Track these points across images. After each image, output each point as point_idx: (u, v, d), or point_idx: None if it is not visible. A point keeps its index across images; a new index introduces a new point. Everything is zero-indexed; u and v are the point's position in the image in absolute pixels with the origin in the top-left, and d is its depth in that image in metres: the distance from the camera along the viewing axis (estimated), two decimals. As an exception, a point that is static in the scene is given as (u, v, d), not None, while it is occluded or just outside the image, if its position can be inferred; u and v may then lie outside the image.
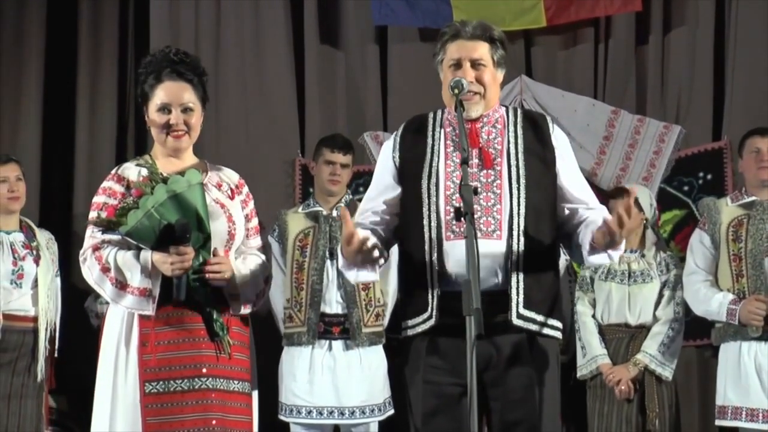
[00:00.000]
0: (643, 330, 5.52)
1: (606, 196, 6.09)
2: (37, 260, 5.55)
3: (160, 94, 3.75)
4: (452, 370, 3.38)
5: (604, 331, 5.57)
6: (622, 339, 5.54)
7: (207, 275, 3.63)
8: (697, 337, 6.18)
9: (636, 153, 6.58)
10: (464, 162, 3.28)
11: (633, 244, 5.64)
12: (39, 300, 5.50)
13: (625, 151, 6.60)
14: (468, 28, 3.58)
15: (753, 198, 5.26)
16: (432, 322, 3.42)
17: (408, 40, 6.90)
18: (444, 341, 3.42)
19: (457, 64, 3.55)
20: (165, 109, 3.74)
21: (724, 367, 5.21)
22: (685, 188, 6.56)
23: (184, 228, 3.55)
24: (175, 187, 3.59)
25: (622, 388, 5.42)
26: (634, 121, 6.63)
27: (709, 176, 6.54)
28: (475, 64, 3.55)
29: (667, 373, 5.44)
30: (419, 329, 3.46)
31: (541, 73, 6.85)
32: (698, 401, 6.41)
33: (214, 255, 3.67)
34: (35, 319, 5.50)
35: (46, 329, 5.52)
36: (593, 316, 5.59)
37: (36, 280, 5.52)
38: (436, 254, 3.43)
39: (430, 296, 3.43)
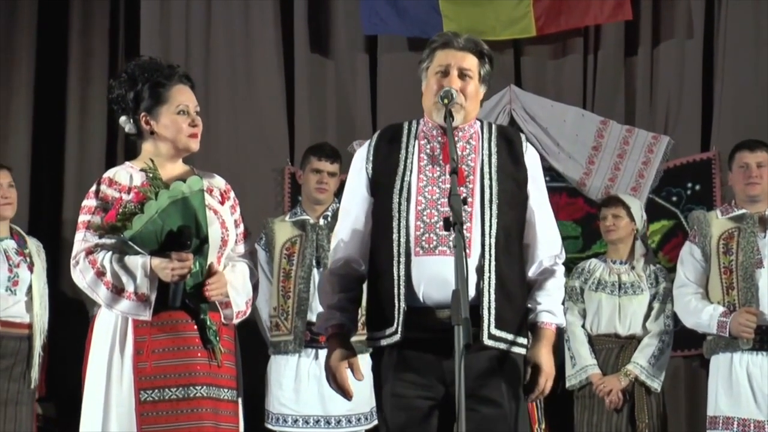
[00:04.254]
0: (633, 341, 5.53)
1: (595, 206, 6.11)
2: (31, 267, 5.56)
3: (177, 97, 3.75)
4: (421, 383, 3.39)
5: (593, 341, 5.58)
6: (612, 349, 5.55)
7: (206, 294, 3.64)
8: (685, 348, 6.19)
9: (625, 163, 6.59)
10: (453, 172, 3.27)
11: (622, 255, 5.66)
12: (33, 307, 5.51)
13: (614, 161, 6.60)
14: (460, 39, 3.58)
15: (743, 211, 5.27)
16: (397, 337, 3.40)
17: (397, 48, 6.90)
18: (411, 355, 3.41)
19: (445, 72, 3.54)
20: (184, 112, 3.75)
21: (715, 378, 5.22)
22: (674, 199, 6.57)
23: (188, 234, 3.55)
24: (177, 193, 3.59)
25: (613, 398, 5.43)
26: (623, 131, 6.64)
27: (697, 187, 6.55)
28: (463, 74, 3.54)
29: (656, 385, 5.47)
30: (384, 342, 3.45)
31: (531, 82, 6.85)
32: (685, 411, 6.42)
33: (209, 268, 3.67)
34: (30, 326, 5.52)
35: (40, 336, 5.52)
36: (583, 326, 5.59)
37: (30, 287, 5.52)
38: (404, 269, 3.40)
39: (396, 310, 3.41)
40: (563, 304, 3.62)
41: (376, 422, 5.51)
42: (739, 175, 5.32)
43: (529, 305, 3.52)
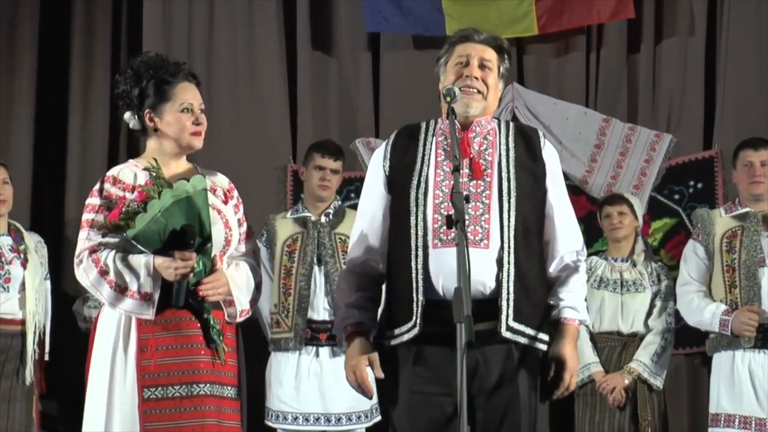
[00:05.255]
0: (636, 338, 5.53)
1: (597, 204, 6.11)
2: (24, 264, 5.55)
3: (182, 95, 3.74)
4: (439, 379, 3.37)
5: (595, 339, 5.57)
6: (615, 347, 5.55)
7: (201, 294, 3.64)
8: (687, 346, 6.19)
9: (627, 161, 6.59)
10: (456, 170, 3.27)
11: (624, 252, 5.66)
12: (27, 303, 5.51)
13: (616, 159, 6.61)
14: (480, 34, 3.62)
15: (747, 209, 5.27)
16: (416, 330, 3.39)
17: (400, 47, 6.90)
18: (429, 350, 3.40)
19: (465, 62, 3.56)
20: (188, 110, 3.74)
21: (717, 375, 5.23)
22: (676, 197, 6.57)
23: (191, 233, 3.55)
24: (181, 193, 3.59)
25: (616, 396, 5.42)
26: (625, 129, 6.64)
27: (699, 185, 6.55)
28: (483, 65, 3.57)
29: (658, 382, 5.47)
30: (404, 338, 3.43)
31: (533, 81, 6.86)
32: (687, 409, 6.42)
33: (212, 264, 3.67)
34: (23, 323, 5.51)
35: (35, 333, 5.52)
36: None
37: (23, 284, 5.52)
38: (422, 262, 3.40)
39: (415, 304, 3.40)
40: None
41: (376, 419, 5.52)
42: (743, 174, 5.33)
43: (551, 302, 3.51)
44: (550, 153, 3.59)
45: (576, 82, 6.83)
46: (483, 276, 3.37)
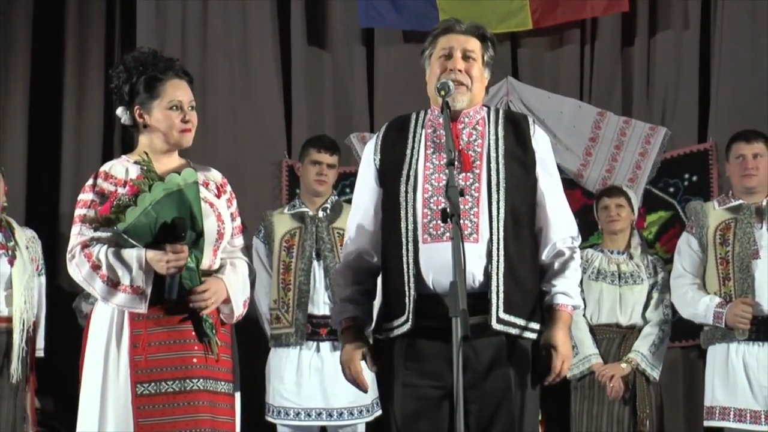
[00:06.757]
0: (634, 330, 5.54)
1: (593, 197, 6.12)
2: (11, 260, 5.52)
3: (171, 92, 3.74)
4: (430, 373, 3.39)
5: (594, 330, 5.57)
6: (614, 339, 5.55)
7: (191, 305, 3.64)
8: (683, 339, 6.20)
9: (622, 154, 6.60)
10: (450, 164, 3.26)
11: (620, 245, 5.66)
12: (14, 300, 5.48)
13: (611, 152, 6.61)
14: (462, 24, 3.60)
15: (740, 202, 5.27)
16: (408, 325, 3.41)
17: (394, 41, 6.91)
18: (421, 344, 3.41)
19: (448, 55, 3.55)
20: (177, 107, 3.74)
21: (712, 368, 5.24)
22: (671, 190, 6.58)
23: (182, 226, 3.55)
24: (172, 186, 3.59)
25: (615, 384, 5.41)
26: (620, 122, 6.64)
27: (694, 178, 6.55)
28: (466, 56, 3.55)
29: (655, 374, 5.48)
30: (397, 332, 3.45)
31: (528, 74, 6.86)
32: (683, 402, 6.43)
33: (201, 278, 3.67)
34: (9, 320, 5.48)
35: (22, 330, 5.49)
36: (583, 314, 5.58)
37: (11, 281, 5.49)
38: (412, 257, 3.42)
39: (407, 299, 3.41)
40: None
41: (377, 414, 5.53)
42: (736, 167, 5.32)
43: (544, 288, 3.52)
44: (540, 140, 3.57)
45: (570, 76, 6.84)
46: (473, 270, 3.37)
